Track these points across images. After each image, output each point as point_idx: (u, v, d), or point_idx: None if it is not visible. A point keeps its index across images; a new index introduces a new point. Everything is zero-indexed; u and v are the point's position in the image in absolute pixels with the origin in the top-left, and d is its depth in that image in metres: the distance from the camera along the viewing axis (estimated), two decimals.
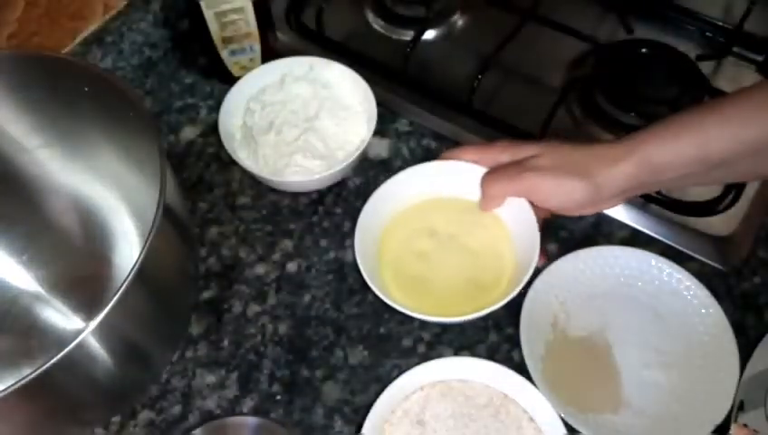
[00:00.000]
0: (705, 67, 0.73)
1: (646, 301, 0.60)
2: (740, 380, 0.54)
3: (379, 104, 0.66)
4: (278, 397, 0.57)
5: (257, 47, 0.72)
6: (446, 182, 0.61)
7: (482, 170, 0.58)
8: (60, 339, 0.62)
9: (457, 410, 0.54)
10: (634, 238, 0.64)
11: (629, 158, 0.51)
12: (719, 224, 0.64)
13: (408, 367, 0.55)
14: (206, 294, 0.63)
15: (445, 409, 0.55)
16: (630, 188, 0.53)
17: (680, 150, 0.50)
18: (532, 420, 0.54)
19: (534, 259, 0.54)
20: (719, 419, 0.53)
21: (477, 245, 0.59)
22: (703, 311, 0.58)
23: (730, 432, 0.49)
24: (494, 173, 0.57)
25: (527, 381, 0.54)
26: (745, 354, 0.56)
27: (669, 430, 0.54)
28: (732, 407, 0.53)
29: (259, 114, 0.68)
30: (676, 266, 0.59)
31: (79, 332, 0.42)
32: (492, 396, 0.55)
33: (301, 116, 0.67)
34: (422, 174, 0.61)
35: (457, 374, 0.56)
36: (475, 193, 0.59)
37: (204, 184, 0.69)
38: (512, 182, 0.55)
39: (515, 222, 0.58)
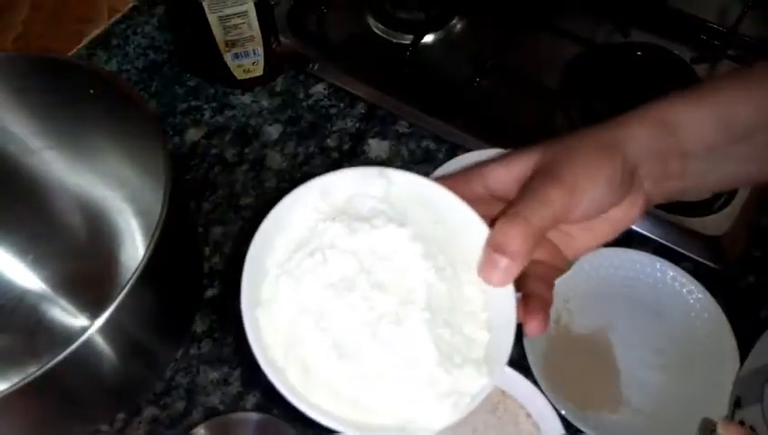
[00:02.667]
0: (701, 70, 0.74)
1: (648, 302, 0.60)
2: (736, 380, 0.55)
3: (379, 106, 0.67)
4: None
5: (260, 51, 0.73)
6: None
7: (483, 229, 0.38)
8: (66, 337, 0.62)
9: None
10: (629, 238, 0.64)
11: (644, 116, 0.42)
12: (713, 223, 0.64)
13: None
14: (210, 293, 0.63)
15: None
16: (654, 159, 0.41)
17: (699, 111, 0.42)
18: (529, 416, 0.54)
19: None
20: (718, 420, 0.53)
21: None
22: (706, 315, 0.58)
23: (718, 432, 0.49)
24: (506, 216, 0.37)
25: (524, 378, 0.55)
26: (740, 353, 0.56)
27: (668, 430, 0.55)
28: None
29: (309, 294, 0.35)
30: (679, 270, 0.60)
31: (84, 330, 0.42)
32: (489, 392, 0.56)
33: (398, 296, 0.35)
34: (467, 162, 0.56)
35: None
36: None
37: (208, 185, 0.70)
38: (539, 214, 0.37)
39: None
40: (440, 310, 0.35)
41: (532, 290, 0.38)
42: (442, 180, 0.40)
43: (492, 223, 0.37)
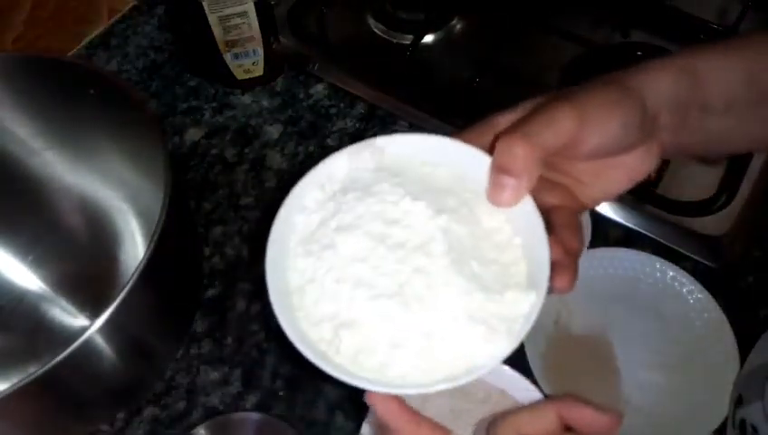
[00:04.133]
0: None
1: (648, 302, 0.60)
2: (737, 378, 0.55)
3: (378, 106, 0.67)
4: (280, 393, 0.58)
5: (260, 51, 0.73)
6: None
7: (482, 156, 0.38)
8: (66, 337, 0.62)
9: (456, 406, 0.55)
10: (629, 238, 0.64)
11: (669, 64, 0.40)
12: (713, 223, 0.64)
13: None
14: (210, 293, 0.63)
15: (443, 404, 0.55)
16: (674, 108, 0.39)
17: (724, 61, 0.41)
18: None
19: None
20: (718, 420, 0.53)
21: None
22: (705, 315, 0.58)
23: None
24: (508, 135, 0.36)
25: (524, 378, 0.55)
26: (740, 352, 0.56)
27: (668, 431, 0.55)
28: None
29: (331, 259, 0.36)
30: (679, 270, 0.60)
31: (84, 330, 0.42)
32: (489, 392, 0.56)
33: (418, 250, 0.36)
34: None
35: None
36: None
37: (208, 184, 0.70)
38: (544, 133, 0.36)
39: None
40: (466, 249, 0.36)
41: (558, 239, 0.37)
42: (451, 138, 0.40)
43: (492, 147, 0.37)
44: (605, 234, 0.65)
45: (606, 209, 0.65)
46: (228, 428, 0.56)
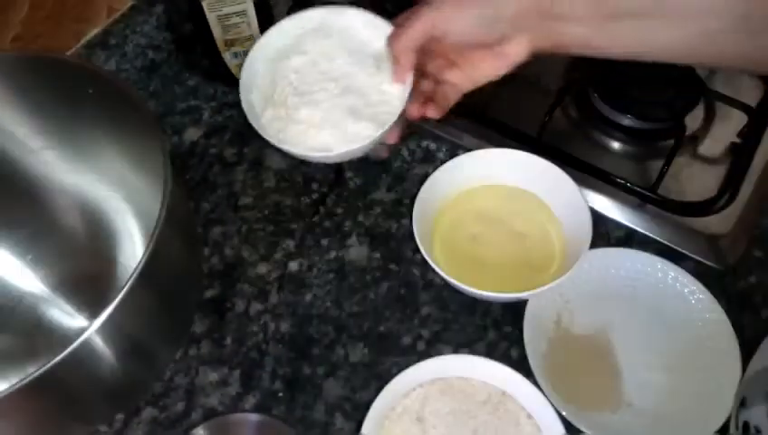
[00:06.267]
0: (701, 69, 0.74)
1: (649, 303, 0.60)
2: (741, 381, 0.55)
3: None
4: (280, 394, 0.58)
5: None
6: (492, 169, 0.64)
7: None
8: (64, 338, 0.62)
9: (456, 407, 0.55)
10: (630, 238, 0.64)
11: None
12: (715, 223, 0.64)
13: (408, 365, 0.55)
14: (209, 293, 0.63)
15: (444, 406, 0.55)
16: (530, 13, 0.50)
17: None
18: (530, 416, 0.54)
19: (586, 240, 0.57)
20: (720, 421, 0.53)
21: (525, 228, 0.63)
22: (707, 315, 0.58)
23: None
24: (394, 31, 0.56)
25: (525, 379, 0.55)
26: (741, 353, 0.56)
27: (669, 431, 0.55)
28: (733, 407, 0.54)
29: (287, 85, 0.60)
30: (680, 270, 0.60)
31: (83, 330, 0.42)
32: (490, 393, 0.55)
33: (333, 75, 0.60)
34: (469, 162, 0.64)
35: (456, 372, 0.56)
36: (519, 179, 0.64)
37: (207, 184, 0.70)
38: (411, 27, 0.53)
39: (562, 205, 0.62)
40: (355, 89, 0.58)
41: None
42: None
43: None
44: (606, 234, 0.65)
45: (607, 209, 0.65)
46: (227, 429, 0.56)
